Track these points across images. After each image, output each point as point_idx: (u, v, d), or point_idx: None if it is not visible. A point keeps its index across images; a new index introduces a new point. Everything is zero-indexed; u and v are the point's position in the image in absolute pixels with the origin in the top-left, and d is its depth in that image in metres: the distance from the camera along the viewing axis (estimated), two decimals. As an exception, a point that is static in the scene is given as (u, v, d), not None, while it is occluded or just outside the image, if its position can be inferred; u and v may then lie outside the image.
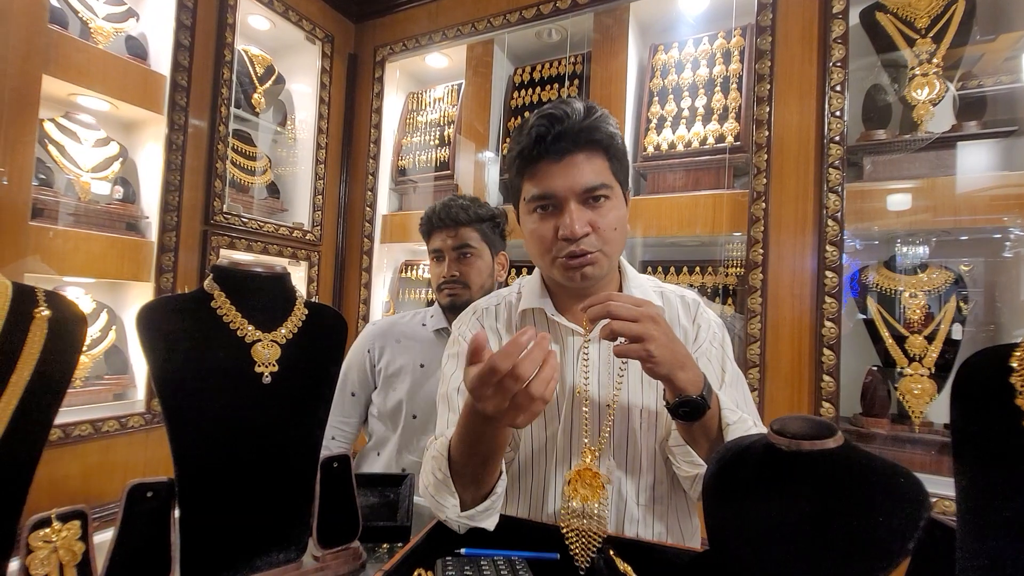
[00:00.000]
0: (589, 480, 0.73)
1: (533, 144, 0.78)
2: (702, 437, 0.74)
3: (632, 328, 0.65)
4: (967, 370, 0.49)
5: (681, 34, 1.87)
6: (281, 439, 0.71)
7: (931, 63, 1.43)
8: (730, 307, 1.65)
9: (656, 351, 0.65)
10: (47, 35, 1.46)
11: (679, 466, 0.80)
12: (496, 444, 0.69)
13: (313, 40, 2.35)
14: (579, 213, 0.78)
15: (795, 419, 0.57)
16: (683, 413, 0.70)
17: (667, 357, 0.66)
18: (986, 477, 0.47)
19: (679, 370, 0.68)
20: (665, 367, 0.67)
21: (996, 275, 1.45)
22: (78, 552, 0.50)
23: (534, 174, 0.80)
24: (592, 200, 0.79)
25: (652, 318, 0.67)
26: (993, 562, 0.42)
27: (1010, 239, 1.43)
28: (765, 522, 0.54)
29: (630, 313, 0.66)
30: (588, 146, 0.78)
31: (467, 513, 0.74)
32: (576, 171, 0.78)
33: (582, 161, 0.78)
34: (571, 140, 0.77)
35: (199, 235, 1.86)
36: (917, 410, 1.38)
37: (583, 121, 0.78)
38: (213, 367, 0.67)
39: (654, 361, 0.66)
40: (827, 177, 1.46)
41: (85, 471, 1.51)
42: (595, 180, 0.78)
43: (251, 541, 0.68)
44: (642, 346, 0.65)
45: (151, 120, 1.78)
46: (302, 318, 0.75)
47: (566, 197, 0.78)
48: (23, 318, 0.51)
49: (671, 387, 0.69)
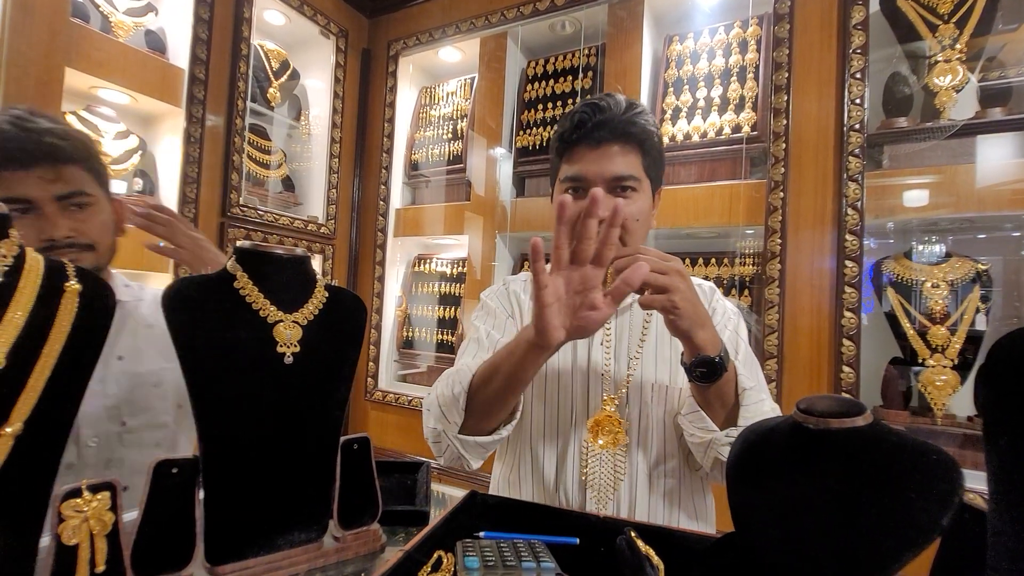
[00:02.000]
0: (610, 426, 0.74)
1: (574, 128, 0.83)
2: (717, 402, 0.75)
3: (659, 279, 0.67)
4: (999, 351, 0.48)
5: (697, 24, 1.86)
6: (302, 419, 0.72)
7: (954, 49, 1.40)
8: (746, 299, 1.64)
9: (681, 303, 0.67)
10: (69, 28, 1.48)
11: (692, 433, 0.80)
12: (524, 375, 0.72)
13: (327, 35, 2.36)
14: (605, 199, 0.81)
15: (822, 398, 0.56)
16: (700, 374, 0.71)
17: (690, 311, 0.68)
18: (1019, 457, 0.46)
19: (699, 328, 0.69)
20: (687, 321, 0.68)
21: (1019, 272, 1.42)
22: (108, 522, 0.50)
23: (571, 157, 0.85)
24: (619, 189, 0.83)
25: (679, 272, 0.69)
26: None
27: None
28: (793, 501, 0.53)
29: (658, 265, 0.68)
30: (624, 138, 0.82)
31: (464, 437, 0.79)
32: (608, 160, 0.82)
33: (616, 151, 0.82)
34: (609, 130, 0.82)
35: (216, 227, 1.88)
36: (939, 402, 1.36)
37: (623, 114, 0.82)
38: (236, 347, 0.67)
39: (677, 313, 0.68)
40: (847, 166, 1.44)
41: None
42: (625, 171, 0.82)
43: (272, 520, 0.69)
44: (667, 296, 0.67)
45: (169, 113, 1.80)
46: (323, 300, 0.76)
47: (594, 183, 0.82)
48: (54, 292, 0.52)
49: (690, 345, 0.71)
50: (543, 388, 0.92)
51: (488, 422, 0.80)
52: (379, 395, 2.37)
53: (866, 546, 0.47)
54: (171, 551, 0.60)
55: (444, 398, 0.81)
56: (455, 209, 2.31)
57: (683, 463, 0.88)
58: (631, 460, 0.86)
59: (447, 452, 0.83)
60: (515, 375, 0.73)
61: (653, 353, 0.89)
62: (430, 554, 0.65)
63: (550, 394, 0.91)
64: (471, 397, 0.79)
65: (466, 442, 0.80)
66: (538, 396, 0.93)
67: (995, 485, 0.46)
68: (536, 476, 0.91)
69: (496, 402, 0.77)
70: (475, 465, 0.84)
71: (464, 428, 0.80)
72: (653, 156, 0.86)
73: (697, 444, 0.80)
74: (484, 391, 0.77)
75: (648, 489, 0.86)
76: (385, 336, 2.45)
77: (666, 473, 0.87)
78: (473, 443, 0.80)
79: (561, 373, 0.91)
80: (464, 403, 0.78)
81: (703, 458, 0.81)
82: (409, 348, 2.44)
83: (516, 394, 0.77)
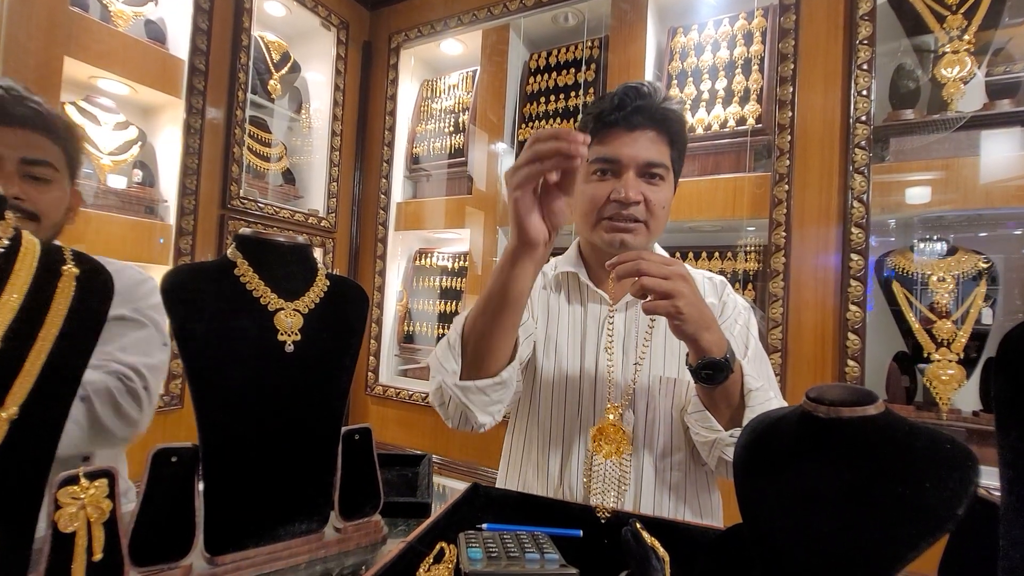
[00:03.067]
0: (612, 436, 0.73)
1: (613, 109, 0.83)
2: (723, 403, 0.74)
3: (662, 284, 0.66)
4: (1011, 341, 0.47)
5: (701, 16, 1.84)
6: (303, 408, 0.71)
7: (962, 40, 1.38)
8: (750, 293, 1.62)
9: (684, 308, 0.66)
10: (69, 18, 1.47)
11: (697, 431, 0.80)
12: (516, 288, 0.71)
13: (328, 27, 2.35)
14: (635, 182, 0.82)
15: (833, 387, 0.55)
16: (706, 376, 0.70)
17: (694, 315, 0.67)
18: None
19: (704, 331, 0.69)
20: (692, 325, 0.68)
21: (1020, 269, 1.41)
22: (106, 510, 0.50)
23: (604, 138, 0.84)
24: (649, 176, 0.83)
25: (682, 276, 0.68)
26: None
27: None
28: (803, 492, 0.52)
29: (660, 270, 0.67)
30: (659, 126, 0.83)
31: (463, 383, 0.76)
32: (642, 145, 0.82)
33: (651, 138, 0.83)
34: (647, 116, 0.82)
35: (216, 219, 1.87)
36: (945, 397, 1.35)
37: (662, 103, 0.84)
38: (236, 334, 0.66)
39: (682, 318, 0.67)
40: (853, 158, 1.43)
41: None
42: (657, 158, 0.83)
43: (273, 510, 0.68)
44: (671, 302, 0.66)
45: (169, 104, 1.79)
46: (324, 288, 0.75)
47: (627, 165, 0.82)
48: (51, 275, 0.51)
49: (695, 348, 0.70)
50: (549, 392, 0.91)
51: (488, 361, 0.76)
52: (380, 389, 2.36)
53: (880, 536, 0.46)
54: (170, 540, 0.59)
55: (441, 349, 0.80)
56: (456, 203, 2.30)
57: (690, 457, 0.87)
58: (636, 458, 0.85)
59: (452, 408, 0.80)
60: (506, 291, 0.71)
61: (662, 347, 0.88)
62: (432, 545, 0.64)
63: (557, 399, 0.91)
64: (466, 338, 0.77)
65: (467, 388, 0.76)
66: (544, 401, 0.92)
67: (1008, 476, 0.45)
68: (540, 483, 0.90)
69: (493, 331, 0.74)
70: (482, 420, 0.79)
71: (464, 374, 0.77)
72: (680, 149, 0.88)
73: (702, 443, 0.80)
74: (478, 324, 0.75)
75: (654, 484, 0.85)
76: (386, 330, 2.45)
77: (672, 466, 0.86)
78: (473, 387, 0.76)
79: (568, 377, 0.90)
80: (460, 348, 0.77)
81: (708, 456, 0.81)
82: (410, 343, 2.43)
83: (511, 317, 0.74)
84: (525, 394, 0.96)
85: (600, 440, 0.77)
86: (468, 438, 2.10)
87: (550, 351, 0.92)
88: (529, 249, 0.68)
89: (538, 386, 0.93)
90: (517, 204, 0.66)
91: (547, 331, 0.94)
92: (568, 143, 0.60)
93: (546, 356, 0.92)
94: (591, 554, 0.67)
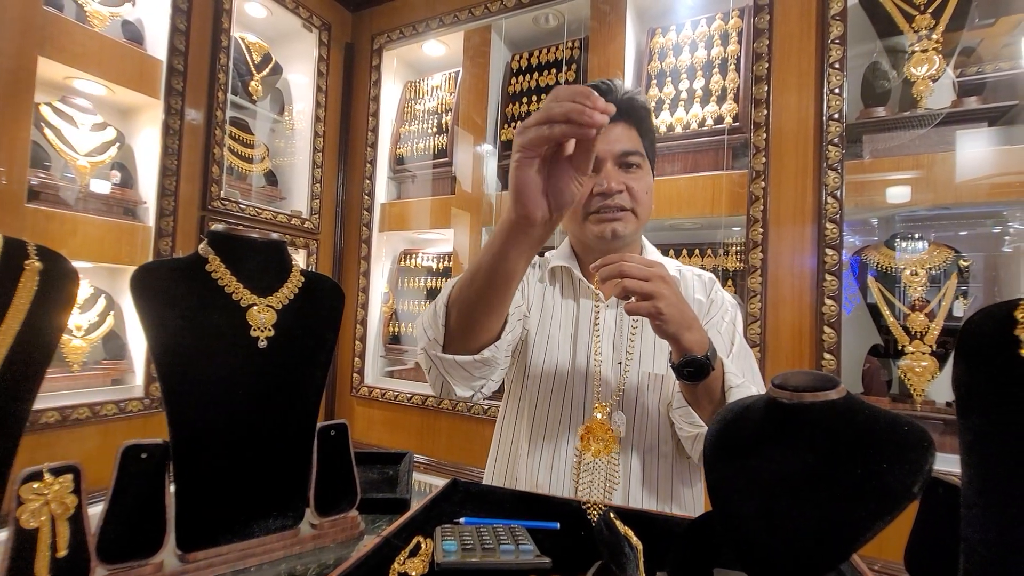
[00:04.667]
0: (601, 435, 0.74)
1: None
2: (705, 399, 0.75)
3: (643, 286, 0.67)
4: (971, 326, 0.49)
5: (679, 17, 1.86)
6: (277, 404, 0.71)
7: (930, 39, 1.42)
8: (730, 288, 1.64)
9: (665, 308, 0.67)
10: (43, 17, 1.45)
11: (680, 427, 0.81)
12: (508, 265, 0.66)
13: (310, 28, 2.34)
14: (615, 173, 0.85)
15: (796, 373, 0.56)
16: (687, 373, 0.71)
17: (675, 316, 0.68)
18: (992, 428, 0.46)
19: (686, 330, 0.69)
20: (673, 325, 0.68)
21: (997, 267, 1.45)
22: (70, 505, 0.49)
23: None
24: (626, 166, 0.86)
25: (662, 277, 0.69)
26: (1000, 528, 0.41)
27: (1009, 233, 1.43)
28: (769, 476, 0.53)
29: (641, 272, 0.68)
30: (627, 117, 0.86)
31: (444, 356, 0.75)
32: (615, 136, 0.85)
33: (621, 130, 0.86)
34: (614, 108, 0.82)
35: (196, 221, 1.85)
36: (919, 388, 1.38)
37: (626, 95, 0.86)
38: (208, 330, 0.66)
39: (663, 319, 0.68)
40: (826, 155, 1.45)
41: (83, 455, 1.50)
42: (631, 147, 0.86)
43: (247, 506, 0.68)
44: (652, 303, 0.67)
45: (148, 105, 1.77)
46: (299, 284, 0.75)
47: (604, 158, 0.84)
48: (13, 270, 0.50)
49: (677, 347, 0.71)
50: (538, 387, 0.92)
51: (471, 337, 0.74)
52: (365, 391, 2.35)
53: (841, 516, 0.47)
54: (140, 537, 0.58)
55: (428, 314, 0.78)
56: (441, 203, 2.30)
57: (675, 451, 0.88)
58: (624, 454, 0.86)
59: (433, 376, 0.79)
60: (497, 267, 0.66)
61: (651, 343, 0.89)
62: (408, 540, 0.64)
63: (545, 394, 0.91)
64: (450, 308, 0.74)
65: (447, 361, 0.75)
66: (533, 396, 0.92)
67: (967, 459, 0.46)
68: (529, 479, 0.90)
69: (479, 307, 0.71)
70: (460, 392, 0.79)
71: (448, 346, 0.75)
72: (650, 138, 0.90)
73: (686, 438, 0.81)
74: (465, 296, 0.72)
75: (642, 479, 0.86)
76: (371, 332, 2.44)
77: (659, 461, 0.87)
78: (452, 363, 0.75)
79: (558, 374, 0.91)
80: (444, 317, 0.74)
81: (691, 451, 0.82)
82: (396, 343, 2.42)
83: (500, 295, 0.71)
84: (516, 388, 0.96)
85: (588, 439, 0.77)
86: (454, 439, 2.10)
87: (541, 345, 0.92)
88: (524, 225, 0.61)
89: (528, 380, 0.92)
90: (518, 170, 0.58)
91: (540, 324, 0.94)
92: (588, 108, 0.54)
93: (536, 350, 0.92)
94: (568, 546, 0.67)
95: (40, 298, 0.50)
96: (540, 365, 0.92)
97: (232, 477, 0.67)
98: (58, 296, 0.53)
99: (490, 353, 0.75)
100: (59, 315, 0.53)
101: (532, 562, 0.58)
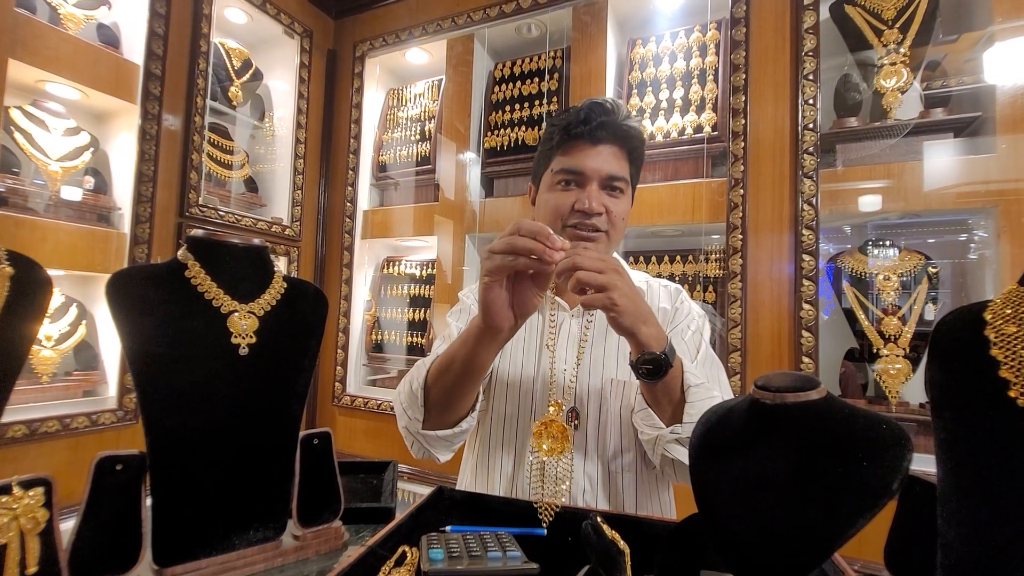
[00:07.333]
0: (555, 432, 0.74)
1: (579, 123, 0.86)
2: (664, 399, 0.76)
3: (597, 278, 0.68)
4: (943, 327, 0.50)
5: (659, 28, 1.90)
6: (258, 412, 0.69)
7: (898, 53, 1.47)
8: (711, 295, 1.67)
9: (619, 300, 0.68)
10: (14, 19, 1.41)
11: (642, 430, 0.81)
12: (478, 362, 0.76)
13: (291, 35, 2.32)
14: (598, 194, 0.86)
15: (778, 375, 0.57)
16: (645, 371, 0.72)
17: (630, 308, 0.69)
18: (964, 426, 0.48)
19: (642, 324, 0.70)
20: (628, 318, 0.69)
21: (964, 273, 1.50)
22: (41, 519, 0.47)
23: (569, 150, 0.88)
24: (610, 188, 0.88)
25: (615, 270, 0.70)
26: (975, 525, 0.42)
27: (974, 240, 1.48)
28: (752, 476, 0.54)
29: (595, 264, 0.69)
30: (621, 143, 0.88)
31: (427, 432, 0.83)
32: (605, 159, 0.87)
33: (612, 153, 0.87)
34: (610, 132, 0.86)
35: (174, 227, 1.81)
36: (893, 390, 1.41)
37: (625, 121, 0.88)
38: (187, 337, 0.65)
39: (617, 310, 0.69)
40: (802, 163, 1.49)
41: (52, 469, 1.44)
42: (618, 172, 0.87)
43: (226, 518, 0.66)
44: (606, 295, 0.68)
45: (124, 110, 1.73)
46: (281, 291, 0.74)
47: (591, 177, 0.86)
48: (-17, 275, 0.48)
49: (634, 342, 0.72)
50: (503, 394, 0.93)
51: (449, 415, 0.82)
52: (347, 400, 2.32)
53: (821, 514, 0.48)
54: (115, 552, 0.57)
55: (404, 395, 0.85)
56: (424, 210, 2.29)
57: (640, 458, 0.88)
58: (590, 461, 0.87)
59: (416, 448, 0.87)
60: (470, 363, 0.75)
61: (615, 349, 0.90)
62: (394, 550, 0.63)
63: (510, 400, 0.92)
64: (428, 391, 0.81)
65: (429, 437, 0.83)
66: (499, 404, 0.93)
67: (942, 456, 0.47)
68: (496, 483, 0.91)
69: (454, 392, 0.80)
70: (443, 458, 0.87)
71: (427, 423, 0.82)
72: (638, 166, 0.93)
73: (647, 441, 0.81)
74: (441, 382, 0.80)
75: (608, 486, 0.87)
76: (353, 340, 2.41)
77: (623, 468, 0.87)
78: (434, 437, 0.83)
79: (523, 380, 0.93)
80: (423, 399, 0.81)
81: (653, 455, 0.82)
82: (379, 352, 2.40)
83: (473, 383, 0.79)
84: (485, 398, 0.96)
85: (542, 434, 0.78)
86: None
87: (505, 357, 0.94)
88: (494, 332, 0.72)
89: (494, 391, 0.94)
90: (486, 291, 0.69)
91: None
92: (547, 248, 0.64)
93: (502, 360, 0.94)
94: (556, 551, 0.67)
95: (10, 306, 0.49)
96: (506, 372, 0.94)
97: (211, 488, 0.65)
98: (29, 304, 0.51)
99: (467, 424, 0.84)
100: (30, 324, 0.51)
101: (520, 568, 0.58)
